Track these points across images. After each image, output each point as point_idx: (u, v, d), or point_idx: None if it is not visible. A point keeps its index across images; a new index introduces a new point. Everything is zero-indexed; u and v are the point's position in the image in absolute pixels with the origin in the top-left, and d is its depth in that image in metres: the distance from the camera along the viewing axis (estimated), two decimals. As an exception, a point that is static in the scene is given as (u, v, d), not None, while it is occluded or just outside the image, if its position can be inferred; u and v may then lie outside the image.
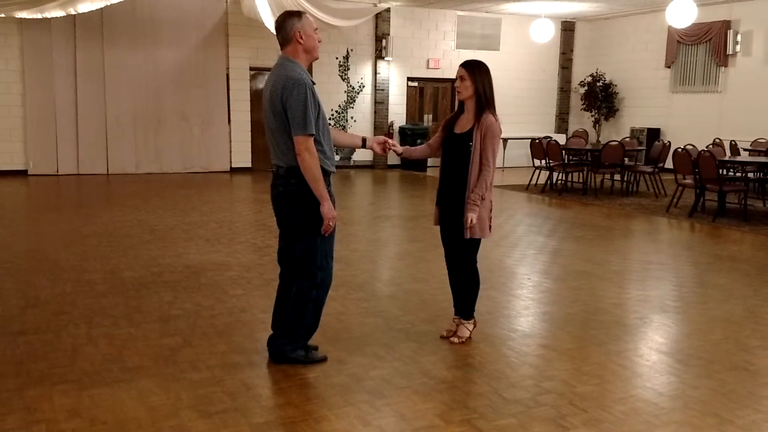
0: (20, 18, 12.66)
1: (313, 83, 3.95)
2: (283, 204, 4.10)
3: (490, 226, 4.60)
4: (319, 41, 4.12)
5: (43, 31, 13.58)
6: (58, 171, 14.09)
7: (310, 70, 16.50)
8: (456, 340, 4.67)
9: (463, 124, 4.49)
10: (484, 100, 4.41)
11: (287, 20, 4.02)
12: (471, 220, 4.39)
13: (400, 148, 4.57)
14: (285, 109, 3.86)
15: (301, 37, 3.99)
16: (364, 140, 4.56)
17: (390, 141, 4.52)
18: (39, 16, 12.46)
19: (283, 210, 4.12)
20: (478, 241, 4.61)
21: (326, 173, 4.02)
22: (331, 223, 4.00)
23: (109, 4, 12.51)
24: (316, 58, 4.18)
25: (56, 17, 12.79)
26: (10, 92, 13.70)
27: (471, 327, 4.74)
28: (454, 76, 4.65)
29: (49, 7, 12.17)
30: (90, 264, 6.71)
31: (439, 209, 4.68)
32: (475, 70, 4.43)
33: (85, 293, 5.70)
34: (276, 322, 4.30)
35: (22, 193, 12.15)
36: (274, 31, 4.09)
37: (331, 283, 4.25)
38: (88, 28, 13.88)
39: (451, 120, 4.63)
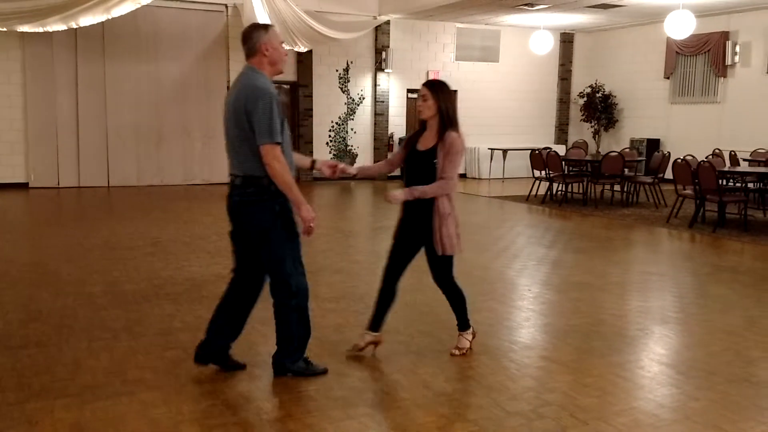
0: (22, 32, 12.71)
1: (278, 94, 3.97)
2: (239, 214, 4.06)
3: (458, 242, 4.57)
4: (286, 55, 4.14)
5: (45, 45, 13.64)
6: (59, 184, 14.12)
7: (308, 77, 16.41)
8: (456, 351, 4.67)
9: (426, 142, 4.47)
10: (447, 119, 4.40)
11: (254, 32, 4.04)
12: (396, 197, 4.38)
13: (353, 170, 4.57)
14: (249, 118, 3.86)
15: (267, 50, 4.00)
16: (313, 162, 4.52)
17: (340, 165, 4.47)
18: (41, 30, 12.52)
19: (240, 220, 4.08)
20: (451, 257, 4.60)
21: None
22: (312, 225, 3.99)
23: (110, 17, 12.57)
24: (281, 72, 4.18)
25: (58, 31, 12.84)
26: (11, 105, 13.75)
27: (470, 337, 4.74)
28: (454, 88, 4.66)
29: (50, 21, 12.23)
30: (91, 277, 6.72)
31: (400, 223, 4.66)
32: (438, 90, 4.42)
33: (87, 306, 5.71)
34: (211, 327, 4.27)
35: (23, 206, 12.17)
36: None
37: (307, 288, 4.22)
38: (90, 42, 13.95)
39: (413, 137, 4.61)
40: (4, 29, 12.34)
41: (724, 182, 10.63)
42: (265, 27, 4.08)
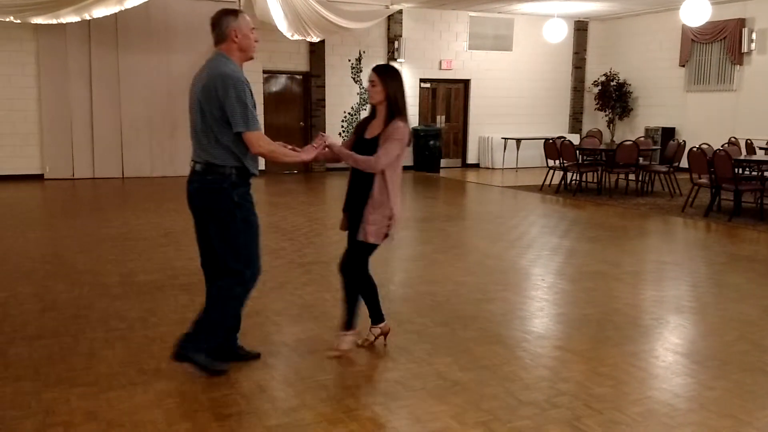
0: (36, 23, 12.76)
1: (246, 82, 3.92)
2: (198, 200, 4.02)
3: (386, 234, 4.34)
4: (256, 41, 4.08)
5: (59, 37, 13.69)
6: (74, 175, 14.20)
7: (321, 67, 16.42)
8: (334, 353, 4.46)
9: (373, 129, 4.36)
10: (394, 106, 4.29)
11: (223, 18, 3.98)
12: (324, 139, 4.16)
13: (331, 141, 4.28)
14: (221, 106, 3.82)
15: (237, 36, 3.96)
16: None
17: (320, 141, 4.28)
18: (54, 21, 12.56)
19: (198, 207, 4.04)
20: (371, 246, 4.39)
21: (249, 174, 4.00)
22: (316, 145, 4.08)
23: (123, 9, 12.59)
24: (252, 58, 4.12)
25: (71, 22, 12.87)
26: (26, 97, 13.82)
27: (379, 331, 4.60)
28: (467, 77, 4.61)
29: (64, 12, 12.27)
30: (106, 267, 6.76)
31: (346, 215, 4.51)
32: (386, 76, 4.30)
33: (102, 296, 5.74)
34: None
35: (38, 197, 12.25)
36: (284, 32, 4.09)
37: (255, 280, 4.14)
38: (103, 34, 13.99)
39: (363, 123, 4.50)
40: (18, 21, 12.39)
41: (740, 171, 10.54)
42: (235, 13, 4.02)
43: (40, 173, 14.03)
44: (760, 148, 12.80)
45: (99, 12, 12.48)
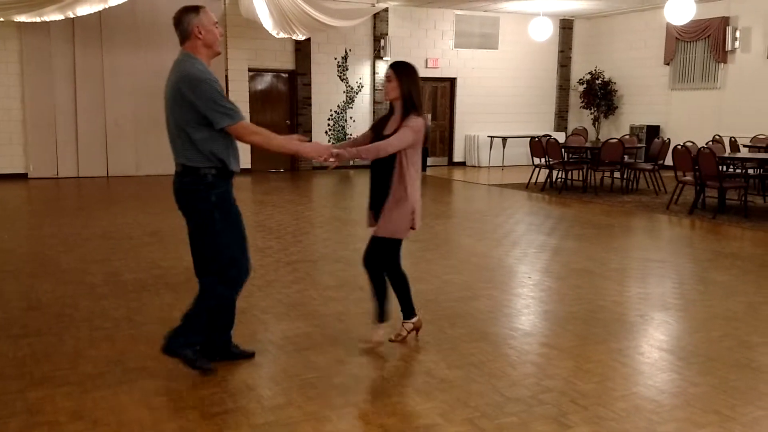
0: (19, 22, 12.65)
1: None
2: (179, 201, 4.02)
3: (412, 227, 4.45)
4: (221, 35, 4.03)
5: (43, 35, 13.58)
6: (58, 174, 14.10)
7: (307, 65, 16.31)
8: (393, 337, 4.63)
9: (392, 126, 4.43)
10: (410, 102, 4.35)
11: (184, 16, 3.93)
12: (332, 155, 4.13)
13: (344, 152, 4.23)
14: (194, 108, 3.78)
15: (200, 32, 3.91)
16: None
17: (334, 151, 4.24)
18: (38, 19, 12.45)
19: (180, 207, 4.03)
20: (398, 241, 4.50)
21: (228, 173, 3.96)
22: (323, 157, 4.02)
23: (107, 6, 12.50)
24: (219, 53, 4.09)
25: (55, 21, 12.78)
26: (9, 96, 13.71)
27: (411, 326, 4.69)
28: (453, 75, 4.65)
29: (48, 10, 12.17)
30: (91, 266, 6.72)
31: (372, 213, 4.58)
32: (402, 72, 4.37)
33: (87, 295, 5.71)
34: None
35: (22, 196, 12.16)
36: (269, 30, 4.07)
37: (246, 278, 4.13)
38: (87, 32, 13.90)
39: (381, 122, 4.57)
40: (1, 19, 12.29)
41: (725, 168, 10.61)
42: (196, 9, 3.96)
43: (24, 172, 13.92)
44: (744, 146, 12.91)
45: (83, 10, 12.38)
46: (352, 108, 16.57)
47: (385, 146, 4.27)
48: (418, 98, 4.39)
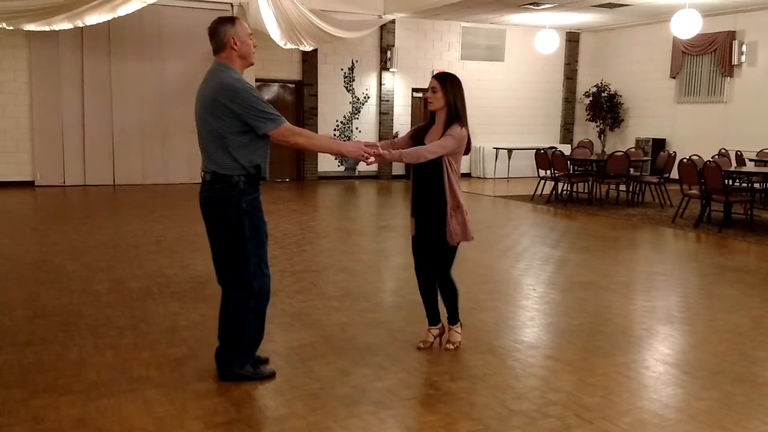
0: (28, 30, 12.75)
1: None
2: (208, 209, 4.05)
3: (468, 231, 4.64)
4: (255, 47, 4.09)
5: (51, 44, 13.67)
6: (64, 182, 14.16)
7: (313, 76, 16.40)
8: (451, 346, 4.71)
9: (433, 135, 4.50)
10: (455, 112, 4.43)
11: (220, 26, 3.99)
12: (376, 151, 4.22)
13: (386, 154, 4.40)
14: (234, 115, 3.82)
15: (236, 44, 3.97)
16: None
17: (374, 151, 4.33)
18: (47, 28, 12.55)
19: (207, 216, 4.07)
20: (456, 247, 4.64)
21: (258, 180, 4.02)
22: (364, 153, 4.06)
23: (116, 16, 12.59)
24: (252, 64, 4.16)
25: (64, 30, 12.88)
26: (17, 104, 13.79)
27: (460, 330, 4.79)
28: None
29: (57, 19, 12.27)
30: (96, 274, 6.74)
31: (415, 220, 4.68)
32: (447, 83, 4.46)
33: (92, 304, 5.72)
34: (222, 334, 4.22)
35: (29, 204, 12.20)
36: (277, 41, 4.11)
37: (269, 290, 4.18)
38: (96, 41, 13.99)
39: (422, 129, 4.64)
40: (11, 28, 12.38)
41: (730, 182, 10.60)
42: (232, 20, 4.02)
43: (30, 180, 13.98)
44: (750, 160, 12.89)
45: (92, 19, 12.49)
46: (358, 119, 16.61)
47: (425, 152, 4.37)
48: (463, 109, 4.47)
